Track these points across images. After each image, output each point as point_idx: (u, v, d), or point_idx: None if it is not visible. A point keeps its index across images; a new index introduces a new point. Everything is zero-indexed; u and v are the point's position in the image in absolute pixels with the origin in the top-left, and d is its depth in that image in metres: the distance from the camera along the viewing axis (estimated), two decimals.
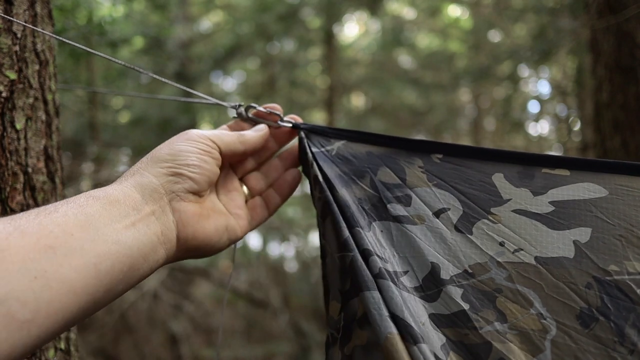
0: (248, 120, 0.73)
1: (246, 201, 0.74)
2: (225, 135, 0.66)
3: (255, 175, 0.75)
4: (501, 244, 0.61)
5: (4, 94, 0.74)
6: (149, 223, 0.55)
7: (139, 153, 6.35)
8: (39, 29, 0.78)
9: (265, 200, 0.75)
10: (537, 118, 6.81)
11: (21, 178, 0.76)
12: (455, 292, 0.60)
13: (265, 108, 0.74)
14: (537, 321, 0.58)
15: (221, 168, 0.67)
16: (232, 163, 0.72)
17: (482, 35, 6.63)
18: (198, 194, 0.62)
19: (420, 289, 0.61)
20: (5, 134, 0.74)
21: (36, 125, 0.80)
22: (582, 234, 0.60)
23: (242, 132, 0.69)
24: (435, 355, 0.55)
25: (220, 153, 0.65)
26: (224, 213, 0.68)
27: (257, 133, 0.70)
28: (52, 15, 0.88)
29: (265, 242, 6.78)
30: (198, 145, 0.62)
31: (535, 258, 0.60)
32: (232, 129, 0.73)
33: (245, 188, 0.75)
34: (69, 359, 0.82)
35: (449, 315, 0.59)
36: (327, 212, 0.65)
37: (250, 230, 0.72)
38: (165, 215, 0.58)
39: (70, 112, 4.77)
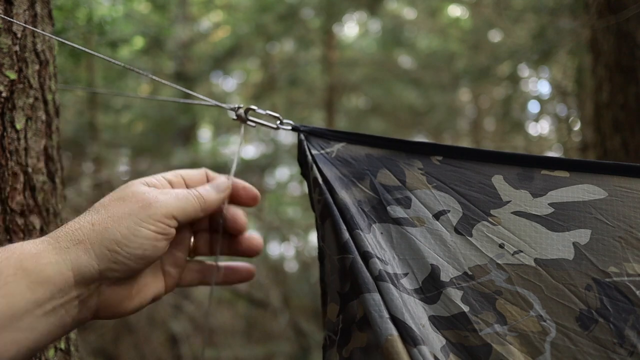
0: (247, 122, 0.73)
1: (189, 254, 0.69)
2: (190, 206, 0.61)
3: (207, 237, 0.71)
4: (501, 246, 0.61)
5: (4, 94, 0.74)
6: (70, 308, 0.52)
7: (139, 153, 6.36)
8: (38, 30, 0.78)
9: (202, 269, 0.70)
10: (537, 118, 6.81)
11: (21, 178, 0.76)
12: (455, 294, 0.60)
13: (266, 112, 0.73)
14: (536, 323, 0.58)
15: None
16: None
17: (482, 35, 6.62)
18: (134, 275, 0.59)
19: (420, 291, 0.61)
20: (5, 134, 0.74)
21: (36, 125, 0.80)
22: (582, 235, 0.60)
23: (205, 195, 0.63)
24: (435, 357, 0.55)
25: (178, 224, 0.60)
26: (154, 281, 0.63)
27: (219, 195, 0.65)
28: (52, 15, 0.88)
29: (265, 242, 6.78)
30: (158, 227, 0.56)
31: (535, 260, 0.60)
32: (192, 181, 0.67)
33: (192, 242, 0.70)
34: (69, 359, 0.82)
35: (448, 318, 0.59)
36: (327, 214, 0.65)
37: (172, 290, 0.66)
38: (90, 299, 0.55)
39: (70, 112, 4.77)
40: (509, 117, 6.61)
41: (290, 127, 0.73)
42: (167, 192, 0.60)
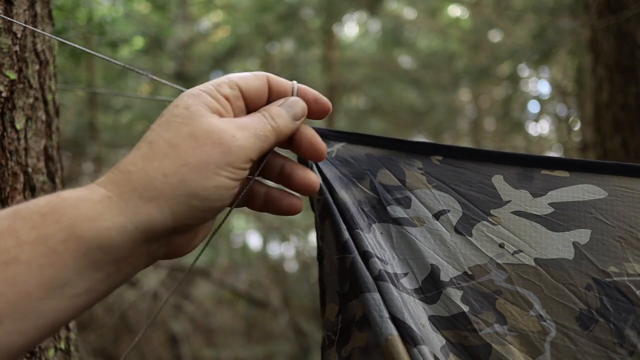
0: None
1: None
2: (267, 144, 0.52)
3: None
4: (501, 246, 0.61)
5: (4, 94, 0.74)
6: (137, 263, 0.47)
7: None
8: (38, 30, 0.78)
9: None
10: (537, 118, 6.82)
11: (21, 178, 0.76)
12: (455, 294, 0.60)
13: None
14: (536, 323, 0.58)
15: None
16: None
17: (482, 35, 6.63)
18: None
19: (420, 291, 0.61)
20: (5, 134, 0.74)
21: (36, 125, 0.80)
22: (582, 235, 0.60)
23: (282, 127, 0.53)
24: (435, 357, 0.55)
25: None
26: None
27: (294, 124, 0.55)
28: (52, 15, 0.88)
29: (265, 242, 6.79)
30: (237, 175, 0.49)
31: (535, 260, 0.60)
32: (251, 92, 0.54)
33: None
34: (69, 359, 0.83)
35: (448, 317, 0.59)
36: (327, 214, 0.65)
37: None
38: (158, 250, 0.49)
39: (70, 112, 4.77)
40: (509, 117, 6.62)
41: None
42: (244, 127, 0.50)
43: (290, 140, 0.57)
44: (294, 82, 0.57)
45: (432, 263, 0.62)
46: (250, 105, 0.54)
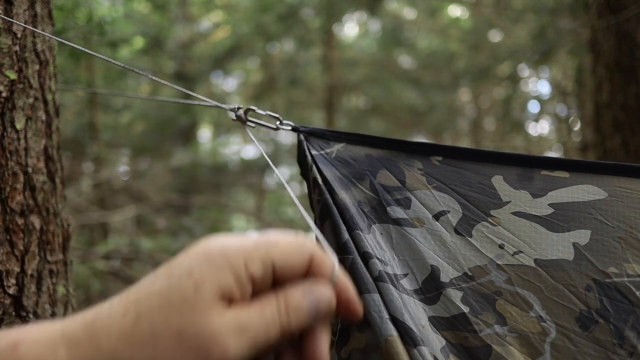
0: (247, 122, 0.73)
1: None
2: (265, 343, 0.42)
3: None
4: (501, 247, 0.61)
5: (4, 94, 0.74)
6: None
7: (139, 153, 6.36)
8: (38, 30, 0.78)
9: None
10: (537, 118, 6.82)
11: (21, 178, 0.76)
12: (455, 295, 0.60)
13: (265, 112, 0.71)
14: (536, 324, 0.58)
15: None
16: None
17: (482, 35, 6.63)
18: None
19: (420, 292, 0.61)
20: (5, 134, 0.74)
21: (36, 125, 0.80)
22: (582, 236, 0.60)
23: (293, 323, 0.43)
24: (435, 358, 0.55)
25: None
26: None
27: (312, 321, 0.43)
28: (52, 15, 0.88)
29: None
30: None
31: (535, 260, 0.60)
32: (286, 271, 0.43)
33: None
34: None
35: (448, 318, 0.59)
36: (326, 214, 0.65)
37: None
38: None
39: (70, 112, 4.77)
40: (509, 117, 6.62)
41: (290, 128, 0.73)
42: (244, 330, 0.42)
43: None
44: (335, 265, 0.45)
45: (432, 264, 0.62)
46: (279, 280, 0.44)
